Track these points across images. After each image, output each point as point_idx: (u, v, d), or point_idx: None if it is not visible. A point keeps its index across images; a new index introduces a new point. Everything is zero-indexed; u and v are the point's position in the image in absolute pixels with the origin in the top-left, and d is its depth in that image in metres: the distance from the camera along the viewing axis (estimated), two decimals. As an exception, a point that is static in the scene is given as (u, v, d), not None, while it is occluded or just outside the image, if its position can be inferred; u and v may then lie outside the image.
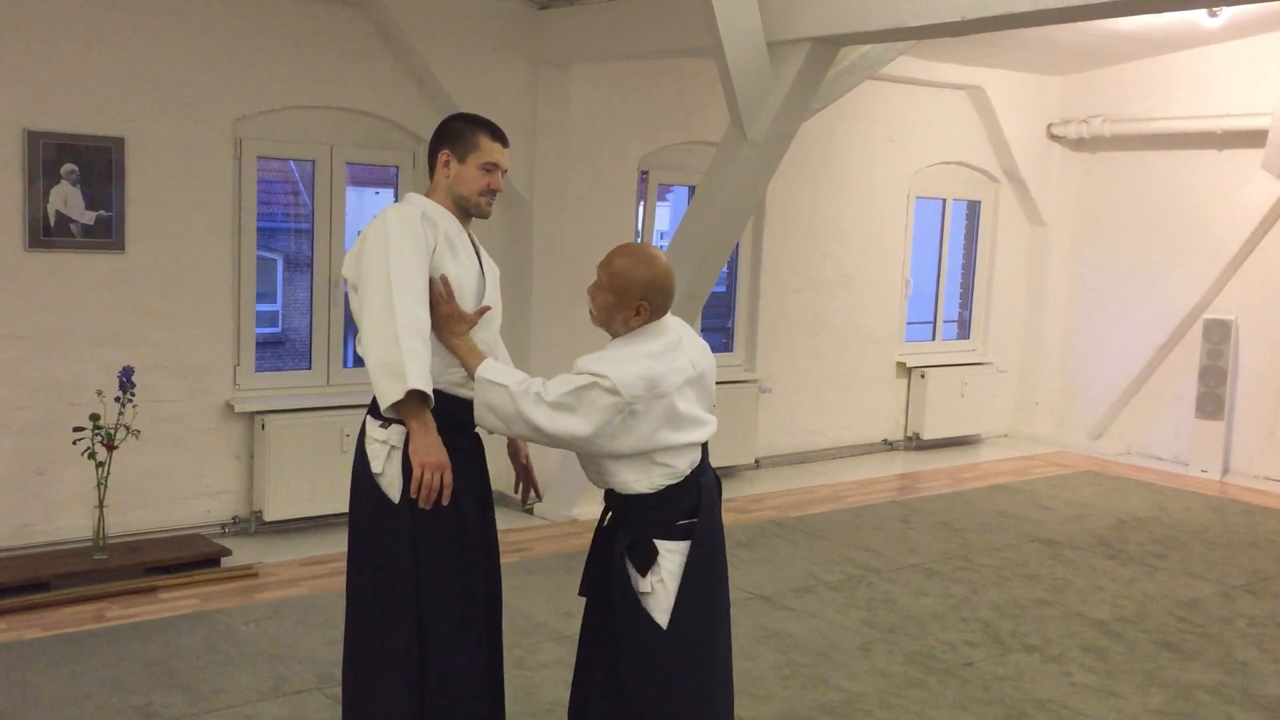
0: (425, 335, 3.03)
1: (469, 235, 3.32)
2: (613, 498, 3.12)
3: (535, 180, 7.15)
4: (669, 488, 3.04)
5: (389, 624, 3.17)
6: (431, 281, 3.12)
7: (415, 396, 2.98)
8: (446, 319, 3.14)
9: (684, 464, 3.06)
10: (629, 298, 3.02)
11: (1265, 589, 6.17)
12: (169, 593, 5.47)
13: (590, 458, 3.08)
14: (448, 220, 3.22)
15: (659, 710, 3.03)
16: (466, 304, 3.20)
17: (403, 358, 2.95)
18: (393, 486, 3.13)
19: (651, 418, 2.98)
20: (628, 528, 3.05)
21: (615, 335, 3.11)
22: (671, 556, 3.02)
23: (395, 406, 2.99)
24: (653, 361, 2.99)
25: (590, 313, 3.15)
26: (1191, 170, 9.23)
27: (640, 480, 3.03)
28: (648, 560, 3.01)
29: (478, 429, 3.26)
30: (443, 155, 3.24)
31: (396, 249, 3.03)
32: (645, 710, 3.03)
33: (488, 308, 3.30)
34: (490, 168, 3.24)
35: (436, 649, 3.15)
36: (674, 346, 3.06)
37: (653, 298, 3.03)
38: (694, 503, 3.08)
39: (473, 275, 3.24)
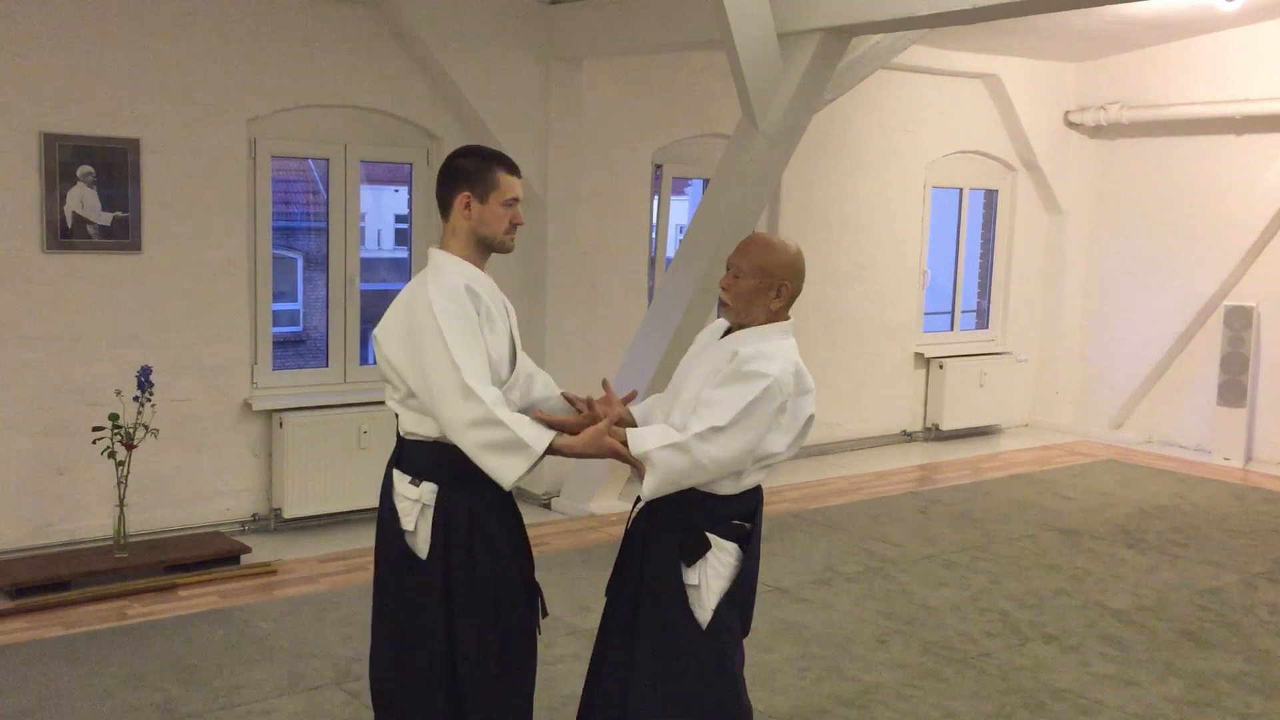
0: (506, 403, 3.01)
1: (492, 284, 3.22)
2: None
3: (549, 176, 7.16)
4: (745, 490, 3.02)
5: (421, 674, 3.12)
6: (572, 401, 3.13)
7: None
8: (601, 437, 2.99)
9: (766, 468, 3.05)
10: (770, 279, 3.03)
11: (1287, 577, 6.13)
12: (189, 590, 5.51)
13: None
14: (484, 284, 3.12)
15: (687, 712, 2.99)
16: (500, 372, 3.11)
17: (511, 430, 2.90)
18: (422, 544, 3.08)
19: (794, 414, 3.00)
20: (678, 520, 3.00)
21: (753, 323, 3.06)
22: (721, 555, 2.99)
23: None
24: (793, 354, 3.02)
25: (723, 305, 3.09)
26: (1210, 156, 9.16)
27: (731, 483, 2.98)
28: (698, 551, 2.97)
29: None
30: (462, 198, 3.10)
31: (454, 334, 2.94)
32: (670, 711, 2.99)
33: (632, 393, 3.23)
34: (512, 203, 3.14)
35: (476, 699, 3.10)
36: (796, 350, 3.08)
37: (792, 279, 3.05)
38: (753, 505, 3.06)
39: (506, 342, 3.16)
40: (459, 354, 2.93)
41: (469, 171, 3.13)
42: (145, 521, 6.06)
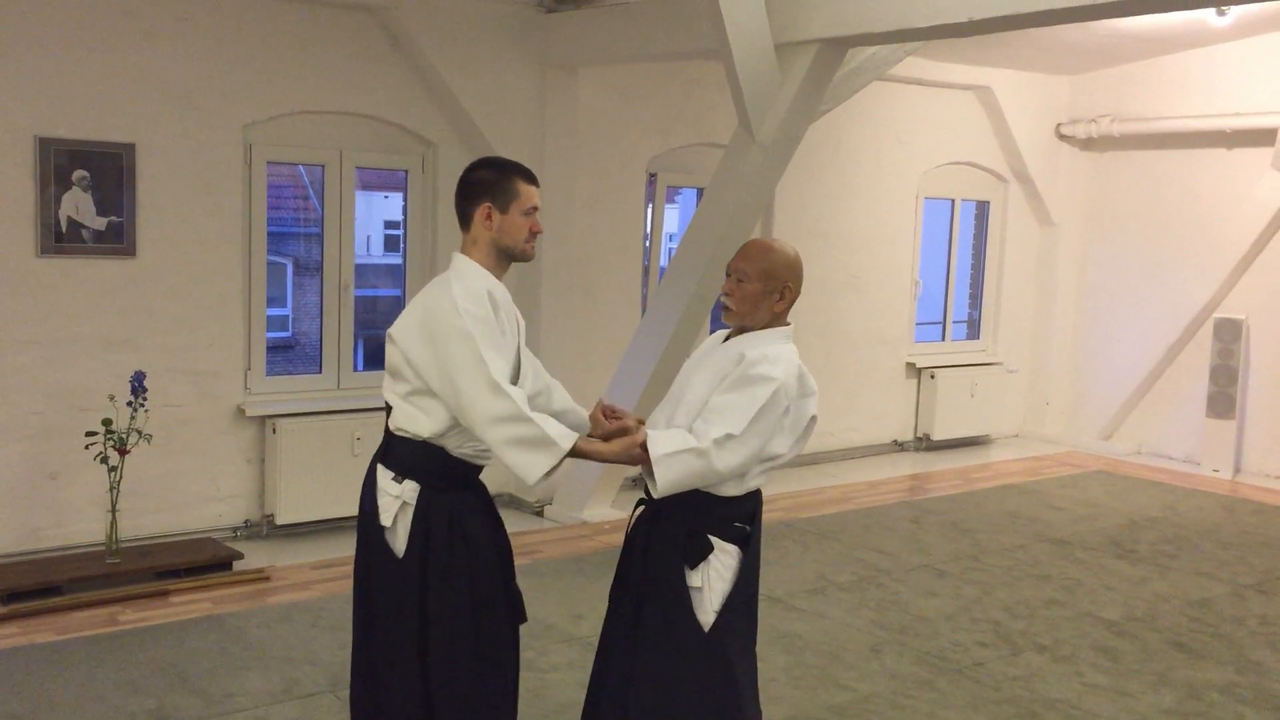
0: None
1: (509, 297, 3.26)
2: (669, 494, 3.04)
3: (543, 183, 7.07)
4: (746, 493, 3.03)
5: (395, 670, 3.14)
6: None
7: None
8: (633, 446, 2.98)
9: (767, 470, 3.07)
10: (774, 282, 3.07)
11: (1277, 588, 6.15)
12: (181, 596, 5.50)
13: None
14: (501, 291, 3.17)
15: (685, 715, 2.99)
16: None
17: (538, 426, 2.94)
18: (399, 541, 3.10)
19: (797, 416, 3.02)
20: (680, 523, 3.01)
21: (756, 325, 3.10)
22: (723, 557, 3.00)
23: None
24: (795, 357, 3.07)
25: (726, 309, 3.13)
26: (1201, 169, 9.21)
27: (734, 484, 2.99)
28: (700, 554, 2.99)
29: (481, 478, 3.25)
30: (483, 209, 3.14)
31: (480, 334, 2.98)
32: (669, 714, 2.99)
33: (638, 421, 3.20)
34: (531, 211, 3.19)
35: (447, 701, 3.10)
36: (796, 353, 3.12)
37: (794, 281, 3.10)
38: (753, 507, 3.07)
39: (513, 355, 3.18)
40: (486, 353, 2.97)
41: (489, 183, 3.16)
42: (138, 527, 6.04)
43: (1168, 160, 9.42)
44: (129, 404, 5.62)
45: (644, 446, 2.93)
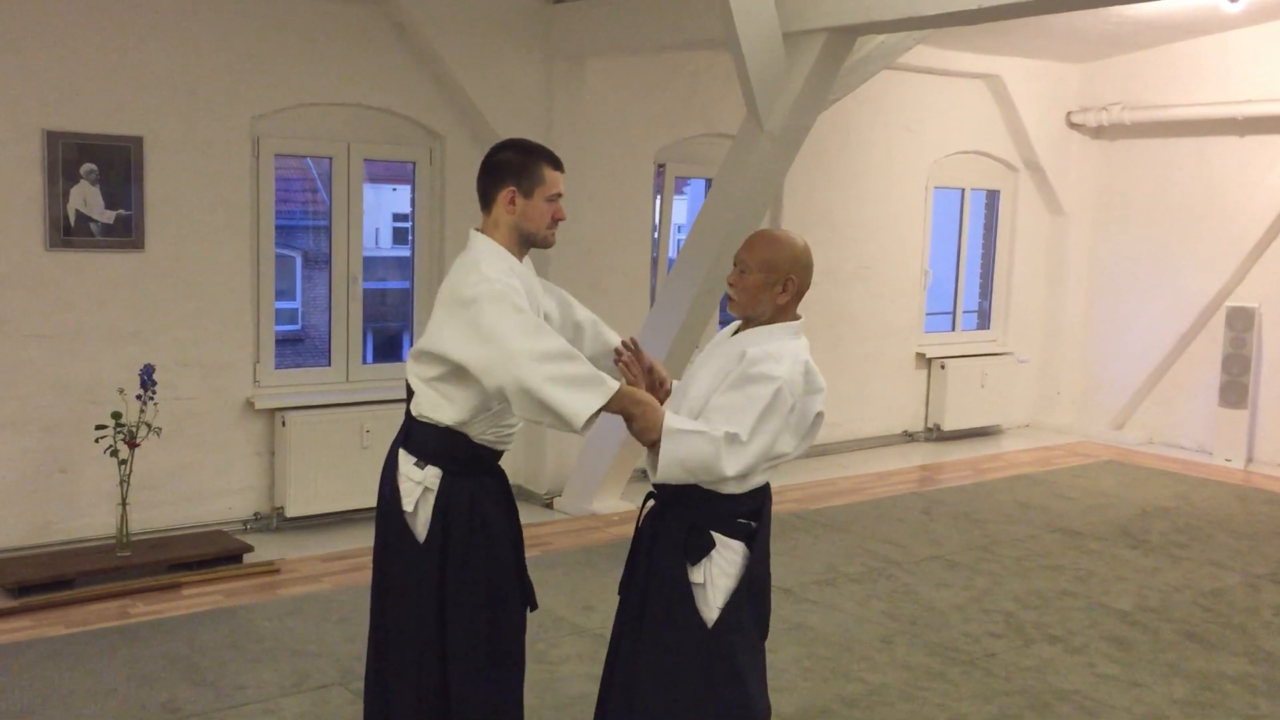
0: None
1: (532, 276, 3.23)
2: (673, 489, 3.01)
3: (552, 175, 7.13)
4: (751, 489, 3.00)
5: (410, 655, 3.14)
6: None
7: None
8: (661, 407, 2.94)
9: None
10: (776, 274, 3.02)
11: (1290, 578, 6.13)
12: (192, 589, 5.50)
13: None
14: (522, 270, 3.15)
15: (690, 712, 2.96)
16: None
17: (589, 365, 2.88)
18: (421, 526, 3.09)
19: (802, 413, 2.98)
20: (684, 519, 2.99)
21: (760, 317, 3.06)
22: (726, 553, 2.97)
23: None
24: (803, 354, 3.01)
25: (729, 300, 3.10)
26: (1213, 157, 9.16)
27: (736, 482, 2.95)
28: (701, 550, 2.95)
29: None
30: (507, 192, 3.11)
31: (515, 295, 2.96)
32: (674, 711, 2.97)
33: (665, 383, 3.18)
34: (555, 198, 3.16)
35: (462, 686, 3.11)
36: (806, 349, 3.06)
37: (798, 274, 3.04)
38: (758, 504, 3.04)
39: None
40: (529, 314, 2.94)
41: (514, 166, 3.14)
42: (148, 520, 6.05)
43: (1179, 148, 9.37)
44: (138, 397, 5.63)
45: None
